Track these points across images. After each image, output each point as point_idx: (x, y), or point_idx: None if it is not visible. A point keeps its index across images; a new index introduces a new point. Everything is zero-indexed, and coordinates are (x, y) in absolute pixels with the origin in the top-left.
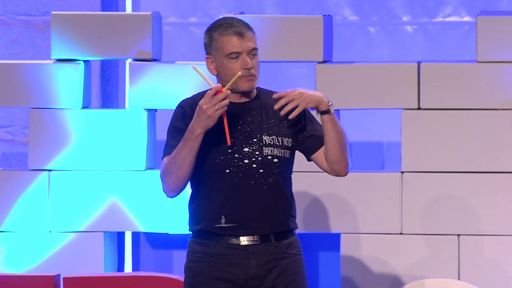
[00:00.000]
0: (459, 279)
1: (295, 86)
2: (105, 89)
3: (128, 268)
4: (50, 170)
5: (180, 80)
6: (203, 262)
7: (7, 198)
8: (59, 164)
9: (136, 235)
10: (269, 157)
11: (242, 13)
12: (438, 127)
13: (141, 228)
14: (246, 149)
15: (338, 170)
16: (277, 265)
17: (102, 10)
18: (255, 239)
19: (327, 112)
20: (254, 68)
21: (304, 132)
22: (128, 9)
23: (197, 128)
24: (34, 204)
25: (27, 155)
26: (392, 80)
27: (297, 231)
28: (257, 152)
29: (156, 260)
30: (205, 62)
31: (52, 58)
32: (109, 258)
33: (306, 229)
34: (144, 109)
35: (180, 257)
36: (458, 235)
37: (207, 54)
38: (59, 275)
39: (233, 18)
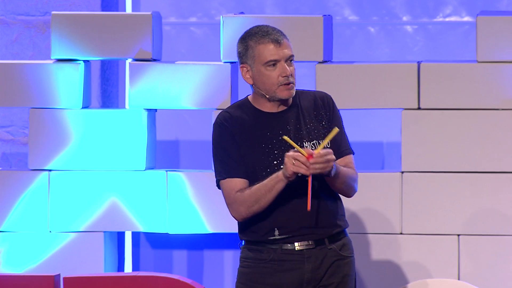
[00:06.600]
0: (459, 279)
1: (296, 86)
2: (105, 89)
3: (128, 268)
4: (50, 170)
5: (180, 80)
6: (256, 268)
7: (7, 198)
8: (59, 164)
9: (136, 235)
10: None
11: (242, 13)
12: (438, 127)
13: (141, 228)
14: None
15: (344, 195)
16: (330, 267)
17: (102, 10)
18: (310, 243)
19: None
20: (292, 75)
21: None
22: (128, 9)
23: (281, 172)
24: (34, 204)
25: (27, 155)
26: (392, 80)
27: None
28: None
29: (156, 260)
30: (205, 63)
31: (52, 58)
32: (109, 258)
33: None
34: (144, 109)
35: (180, 257)
36: (458, 235)
37: (241, 63)
38: (59, 275)
39: (267, 26)
